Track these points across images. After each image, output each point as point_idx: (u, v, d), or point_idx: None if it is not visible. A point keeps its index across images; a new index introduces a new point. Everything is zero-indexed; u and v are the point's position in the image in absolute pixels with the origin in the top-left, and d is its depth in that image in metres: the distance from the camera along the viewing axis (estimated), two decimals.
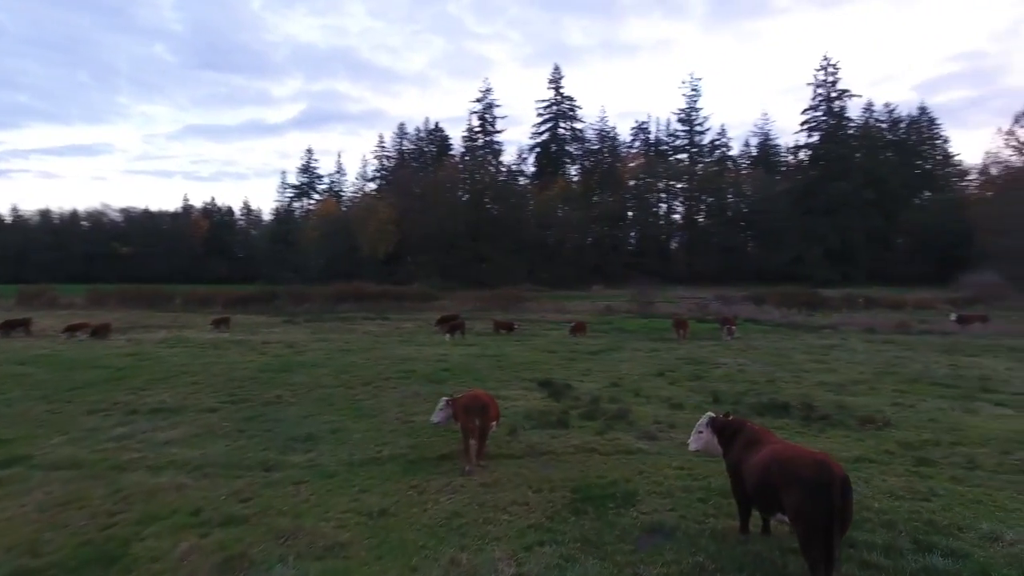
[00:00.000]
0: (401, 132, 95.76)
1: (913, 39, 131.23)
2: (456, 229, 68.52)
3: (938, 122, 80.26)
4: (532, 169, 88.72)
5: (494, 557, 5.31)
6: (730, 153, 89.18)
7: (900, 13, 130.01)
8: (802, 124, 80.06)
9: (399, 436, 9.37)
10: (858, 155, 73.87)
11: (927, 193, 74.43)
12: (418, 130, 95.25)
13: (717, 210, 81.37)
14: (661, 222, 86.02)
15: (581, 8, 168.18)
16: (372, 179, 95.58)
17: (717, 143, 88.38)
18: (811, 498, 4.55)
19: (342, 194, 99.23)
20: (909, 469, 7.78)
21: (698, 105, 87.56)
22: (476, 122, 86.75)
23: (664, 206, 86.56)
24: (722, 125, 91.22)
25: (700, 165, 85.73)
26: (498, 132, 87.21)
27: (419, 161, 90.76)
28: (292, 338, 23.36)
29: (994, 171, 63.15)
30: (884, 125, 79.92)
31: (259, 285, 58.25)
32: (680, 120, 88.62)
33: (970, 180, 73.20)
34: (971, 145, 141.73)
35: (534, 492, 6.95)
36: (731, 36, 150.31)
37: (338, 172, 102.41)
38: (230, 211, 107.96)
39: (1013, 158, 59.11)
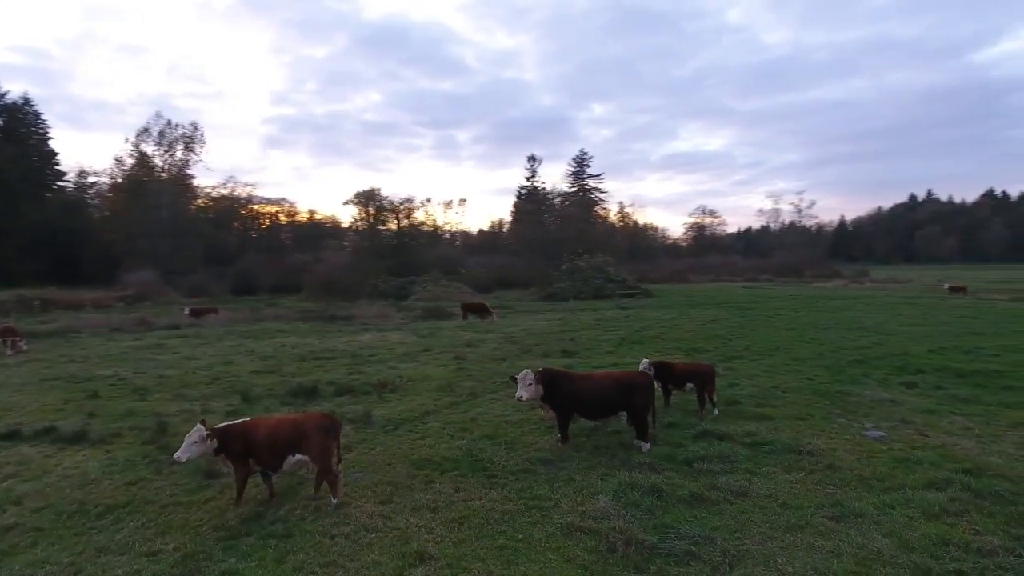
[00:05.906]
0: None
1: None
2: None
3: (43, 116, 65.32)
4: None
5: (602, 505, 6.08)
6: None
7: None
8: None
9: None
10: None
11: (29, 189, 60.07)
12: None
13: None
14: None
15: None
16: None
17: None
18: (645, 395, 8.27)
19: None
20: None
21: None
22: None
23: None
24: None
25: None
26: None
27: None
28: None
29: (120, 179, 64.36)
30: None
31: None
32: None
33: (76, 181, 69.29)
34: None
35: (431, 483, 7.01)
36: None
37: None
38: None
39: (136, 168, 62.74)
